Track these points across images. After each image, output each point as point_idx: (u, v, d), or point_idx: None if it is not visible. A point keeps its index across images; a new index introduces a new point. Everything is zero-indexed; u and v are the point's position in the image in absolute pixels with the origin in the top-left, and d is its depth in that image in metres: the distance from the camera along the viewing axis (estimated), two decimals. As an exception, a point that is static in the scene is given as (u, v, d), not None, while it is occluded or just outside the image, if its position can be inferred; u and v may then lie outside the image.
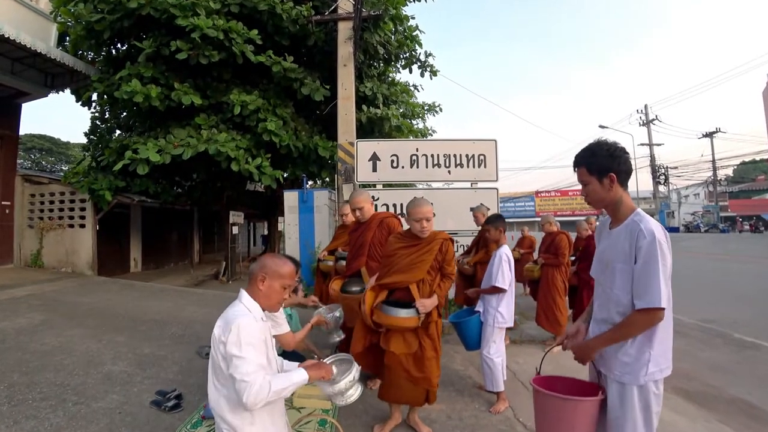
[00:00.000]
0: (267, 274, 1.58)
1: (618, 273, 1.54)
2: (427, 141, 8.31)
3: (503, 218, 3.60)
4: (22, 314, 5.25)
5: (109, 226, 9.63)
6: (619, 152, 1.58)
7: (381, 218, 3.29)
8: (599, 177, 1.58)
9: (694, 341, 5.03)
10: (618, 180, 1.57)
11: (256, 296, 1.59)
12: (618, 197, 1.59)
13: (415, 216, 2.60)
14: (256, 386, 1.37)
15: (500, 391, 3.10)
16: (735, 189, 44.94)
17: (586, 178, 1.62)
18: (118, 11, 7.63)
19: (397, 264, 2.67)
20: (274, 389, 1.42)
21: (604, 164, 1.57)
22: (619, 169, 1.57)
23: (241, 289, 1.62)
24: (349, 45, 7.47)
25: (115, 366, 3.70)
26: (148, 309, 5.93)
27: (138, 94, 7.43)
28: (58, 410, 2.86)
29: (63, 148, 31.57)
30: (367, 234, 3.25)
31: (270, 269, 1.59)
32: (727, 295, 7.91)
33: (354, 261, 3.27)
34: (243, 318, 1.46)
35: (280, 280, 1.60)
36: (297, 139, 8.70)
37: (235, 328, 1.42)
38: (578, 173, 1.65)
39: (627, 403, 1.52)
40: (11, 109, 9.23)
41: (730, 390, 3.62)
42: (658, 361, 1.50)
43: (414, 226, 2.63)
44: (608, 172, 1.56)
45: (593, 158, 1.60)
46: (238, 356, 1.40)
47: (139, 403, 3.00)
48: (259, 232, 21.81)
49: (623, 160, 1.58)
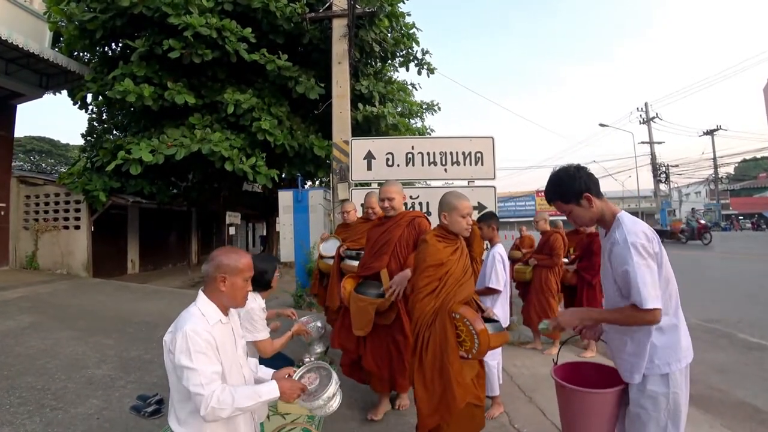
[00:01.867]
0: (226, 273, 1.46)
1: (608, 278, 1.63)
2: (423, 139, 8.19)
3: (496, 216, 3.52)
4: (11, 316, 5.16)
5: (107, 228, 9.56)
6: (580, 172, 1.65)
7: (413, 217, 2.94)
8: (576, 201, 1.64)
9: (698, 342, 4.83)
10: (592, 194, 1.63)
11: (217, 297, 1.47)
12: (600, 210, 1.64)
13: (463, 211, 2.16)
14: (214, 399, 1.28)
15: (495, 396, 2.99)
16: (736, 187, 44.68)
17: (565, 208, 1.68)
18: (111, 10, 7.56)
19: None
20: (237, 405, 1.32)
21: (575, 189, 1.63)
22: (589, 186, 1.63)
23: (200, 290, 1.50)
24: (343, 42, 7.37)
25: (98, 370, 3.60)
26: (139, 311, 5.83)
27: (131, 94, 7.36)
28: (35, 416, 2.77)
29: (62, 150, 31.62)
30: (395, 232, 2.88)
31: (228, 267, 1.47)
32: (731, 294, 7.76)
33: (375, 260, 2.88)
34: (191, 324, 1.35)
35: (241, 275, 1.49)
36: (292, 139, 8.61)
37: (182, 336, 1.32)
38: (556, 207, 1.71)
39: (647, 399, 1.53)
40: (6, 110, 9.17)
41: (735, 393, 3.49)
42: (675, 349, 1.52)
43: (460, 223, 2.18)
44: (582, 194, 1.62)
45: (562, 188, 1.67)
46: (189, 367, 1.30)
47: (120, 408, 2.91)
48: (258, 233, 21.73)
49: (587, 176, 1.64)
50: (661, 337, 1.52)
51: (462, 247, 2.21)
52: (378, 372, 2.83)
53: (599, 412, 1.60)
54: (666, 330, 1.53)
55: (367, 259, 2.96)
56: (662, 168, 27.91)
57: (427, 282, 2.07)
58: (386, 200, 2.92)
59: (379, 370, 2.83)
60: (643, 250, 1.49)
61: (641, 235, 1.51)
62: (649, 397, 1.52)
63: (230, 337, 1.51)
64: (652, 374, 1.52)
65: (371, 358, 2.84)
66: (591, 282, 4.70)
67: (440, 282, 2.06)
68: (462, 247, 2.21)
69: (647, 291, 1.44)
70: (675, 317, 1.56)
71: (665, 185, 29.56)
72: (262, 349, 2.28)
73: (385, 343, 2.81)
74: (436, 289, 2.06)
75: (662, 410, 1.50)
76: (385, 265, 2.80)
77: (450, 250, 2.14)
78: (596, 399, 1.60)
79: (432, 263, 2.09)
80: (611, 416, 1.61)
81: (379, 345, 2.82)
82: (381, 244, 2.90)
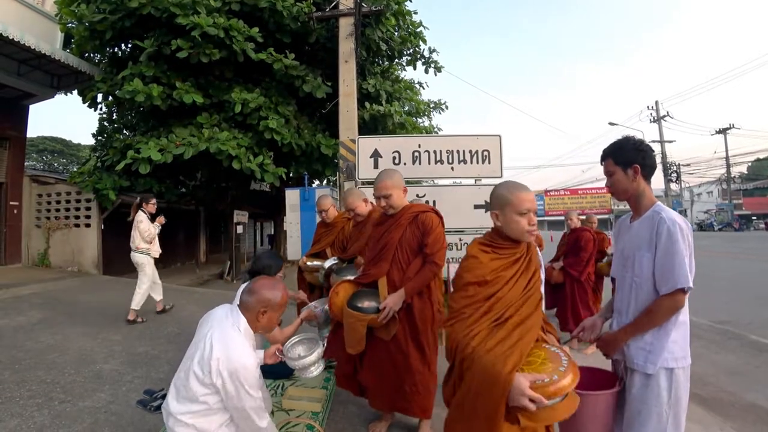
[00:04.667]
0: (268, 308, 1.63)
1: (638, 261, 1.60)
2: (429, 137, 8.17)
3: None
4: (23, 312, 5.26)
5: (117, 226, 9.66)
6: (644, 147, 1.67)
7: (415, 213, 2.44)
8: (624, 167, 1.65)
9: (708, 343, 4.82)
10: (642, 173, 1.64)
11: (255, 326, 1.64)
12: (641, 189, 1.66)
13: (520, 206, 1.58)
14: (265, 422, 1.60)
15: None
16: (749, 186, 43.84)
17: (611, 168, 1.69)
18: (120, 11, 7.65)
19: None
20: None
21: (630, 156, 1.65)
22: (644, 163, 1.64)
23: (240, 314, 1.63)
24: (350, 41, 7.37)
25: (106, 364, 3.65)
26: (147, 308, 5.89)
27: (139, 94, 7.43)
28: (44, 409, 2.81)
29: (74, 149, 32.09)
30: (395, 233, 2.42)
31: (270, 303, 1.63)
32: (743, 295, 7.62)
33: (372, 266, 2.47)
34: (248, 359, 1.53)
35: (280, 310, 1.68)
36: (299, 137, 8.64)
37: (243, 370, 1.50)
38: (605, 165, 1.72)
39: (651, 393, 1.51)
40: (18, 110, 9.33)
41: (746, 395, 3.42)
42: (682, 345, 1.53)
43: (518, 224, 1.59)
44: (633, 164, 1.64)
45: (620, 150, 1.68)
46: (251, 396, 1.53)
47: (126, 402, 2.94)
48: (266, 232, 21.85)
49: (648, 155, 1.66)
50: (674, 331, 1.53)
51: (523, 259, 1.62)
52: (375, 388, 2.50)
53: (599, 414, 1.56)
54: (679, 325, 1.54)
55: (367, 264, 2.55)
56: (673, 167, 27.48)
57: (465, 304, 1.51)
58: (382, 198, 2.44)
59: (376, 387, 2.49)
60: (689, 237, 1.52)
61: (685, 224, 1.53)
62: (653, 391, 1.51)
63: None
64: (660, 367, 1.51)
65: (368, 373, 2.51)
66: (578, 278, 4.66)
67: (485, 306, 1.50)
68: (523, 258, 1.62)
69: (685, 271, 1.45)
70: (685, 315, 1.56)
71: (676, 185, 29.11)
72: (273, 338, 2.32)
73: (383, 358, 2.45)
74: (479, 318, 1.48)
75: (664, 405, 1.49)
76: (384, 273, 2.40)
77: (502, 263, 1.57)
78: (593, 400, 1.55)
79: (472, 280, 1.54)
80: (609, 418, 1.59)
81: (377, 360, 2.46)
82: (380, 247, 2.46)
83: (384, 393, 2.46)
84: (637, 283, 1.59)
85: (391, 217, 2.49)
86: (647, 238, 1.57)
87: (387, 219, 2.52)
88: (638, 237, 1.62)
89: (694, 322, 5.54)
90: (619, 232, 1.80)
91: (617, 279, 1.73)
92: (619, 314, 1.68)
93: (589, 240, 4.71)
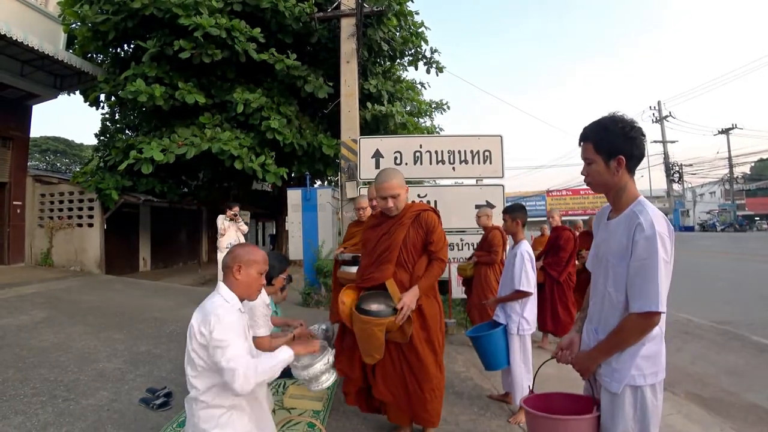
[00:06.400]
0: (242, 263, 1.60)
1: (611, 269, 1.41)
2: (431, 137, 8.20)
3: (525, 209, 3.09)
4: (26, 311, 5.29)
5: (119, 226, 9.72)
6: (635, 133, 1.38)
7: (417, 212, 2.39)
8: (606, 158, 1.40)
9: (709, 344, 4.81)
10: (627, 165, 1.39)
11: (235, 287, 1.61)
12: (623, 184, 1.42)
13: None
14: (243, 369, 1.41)
15: None
16: (752, 187, 43.68)
17: (591, 156, 1.43)
18: (123, 12, 7.69)
19: None
20: (261, 369, 1.48)
21: (616, 144, 1.38)
22: (632, 153, 1.38)
23: (219, 281, 1.65)
24: (352, 42, 7.39)
25: (109, 363, 3.67)
26: (149, 307, 5.93)
27: (142, 94, 7.48)
28: (48, 406, 2.83)
29: (77, 149, 32.20)
30: (398, 234, 2.36)
31: (244, 258, 1.61)
32: (745, 296, 7.60)
33: (375, 270, 2.36)
34: (222, 308, 1.50)
35: (256, 266, 1.62)
36: (301, 137, 8.67)
37: (215, 318, 1.45)
38: (583, 148, 1.46)
39: (617, 410, 1.37)
40: (21, 110, 9.38)
41: (747, 396, 3.42)
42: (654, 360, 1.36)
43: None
44: (618, 154, 1.38)
45: (604, 135, 1.41)
46: (223, 343, 1.43)
47: (129, 400, 2.96)
48: (268, 232, 21.89)
49: (637, 143, 1.39)
50: (645, 346, 1.35)
51: None
52: (394, 401, 2.37)
53: None
54: (651, 339, 1.35)
55: (367, 268, 2.42)
56: (675, 167, 27.43)
57: None
58: (389, 199, 2.33)
59: (395, 399, 2.36)
60: (668, 244, 1.31)
61: (665, 228, 1.32)
62: (619, 409, 1.37)
63: (246, 325, 1.66)
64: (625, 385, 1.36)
65: (383, 386, 2.35)
66: (558, 279, 4.58)
67: None
68: None
69: (661, 293, 1.26)
70: (659, 328, 1.36)
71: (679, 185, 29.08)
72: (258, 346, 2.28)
73: (398, 365, 2.33)
74: None
75: (629, 421, 1.36)
76: (390, 275, 2.33)
77: None
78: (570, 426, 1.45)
79: None
80: None
81: (391, 369, 2.34)
82: (382, 249, 2.37)
83: (404, 404, 2.36)
84: (610, 293, 1.41)
85: (390, 218, 2.41)
86: (624, 243, 1.36)
87: (385, 220, 2.43)
88: (614, 239, 1.41)
89: (696, 323, 5.55)
90: (597, 225, 1.59)
91: (592, 277, 1.57)
92: (590, 321, 1.53)
93: (569, 239, 4.62)
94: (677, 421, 2.90)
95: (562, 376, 1.85)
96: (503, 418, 2.85)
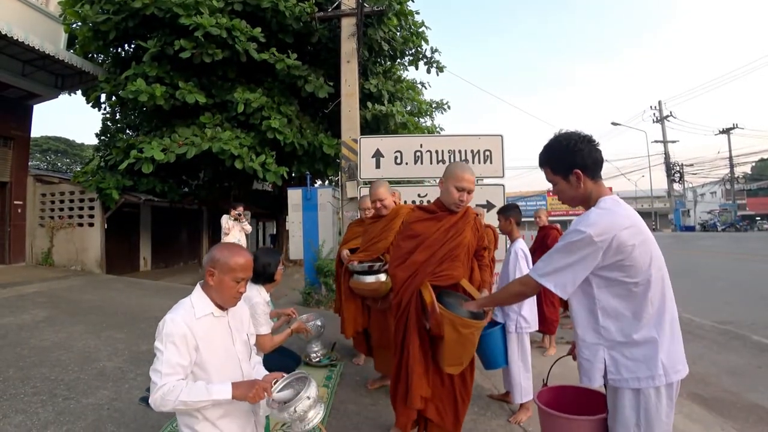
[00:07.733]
0: (215, 268, 1.42)
1: None
2: (431, 137, 8.19)
3: (518, 208, 3.14)
4: (27, 311, 5.30)
5: (120, 226, 9.73)
6: (579, 145, 1.44)
7: (474, 214, 2.40)
8: (564, 176, 1.48)
9: (711, 344, 4.80)
10: (586, 174, 1.45)
11: (208, 291, 1.45)
12: (588, 192, 1.46)
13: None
14: (164, 389, 1.28)
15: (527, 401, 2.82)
16: (753, 187, 43.62)
17: (552, 178, 1.53)
18: (123, 11, 7.70)
19: None
20: (182, 399, 1.28)
21: (567, 161, 1.46)
22: (585, 164, 1.44)
23: (198, 282, 1.50)
24: (352, 41, 7.39)
25: (110, 362, 3.68)
26: (150, 306, 5.93)
27: (143, 94, 7.48)
28: (48, 405, 2.84)
29: (78, 149, 32.25)
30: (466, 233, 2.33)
31: (220, 261, 1.41)
32: (746, 296, 7.58)
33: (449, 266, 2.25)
34: (174, 314, 1.38)
35: (231, 274, 1.41)
36: (302, 137, 8.67)
37: (161, 324, 1.35)
38: (545, 174, 1.56)
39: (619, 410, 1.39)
40: (22, 110, 9.40)
41: (749, 396, 3.41)
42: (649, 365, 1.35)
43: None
44: (572, 169, 1.45)
45: (554, 156, 1.50)
46: (158, 351, 1.33)
47: (129, 399, 2.96)
48: (268, 231, 21.90)
49: (587, 152, 1.44)
50: (633, 350, 1.36)
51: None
52: (440, 421, 2.23)
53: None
54: (641, 343, 1.35)
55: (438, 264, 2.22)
56: (676, 167, 27.41)
57: None
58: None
59: (441, 419, 2.23)
60: (583, 242, 1.33)
61: (587, 228, 1.34)
62: (621, 410, 1.39)
63: (225, 331, 1.48)
64: (624, 387, 1.37)
65: (433, 405, 2.22)
66: None
67: None
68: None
69: (548, 268, 1.41)
70: (655, 330, 1.35)
71: (679, 185, 29.06)
72: (261, 344, 2.28)
73: (451, 379, 2.22)
74: None
75: (632, 425, 1.37)
76: (464, 275, 2.25)
77: None
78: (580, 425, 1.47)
79: None
80: None
81: (449, 382, 2.23)
82: (453, 246, 2.23)
83: (447, 424, 2.24)
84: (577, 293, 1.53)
85: (455, 215, 2.29)
86: None
87: (446, 215, 2.29)
88: None
89: (696, 323, 5.54)
90: None
91: None
92: None
93: (556, 239, 4.62)
94: (678, 420, 2.89)
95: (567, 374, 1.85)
96: (503, 418, 2.85)
